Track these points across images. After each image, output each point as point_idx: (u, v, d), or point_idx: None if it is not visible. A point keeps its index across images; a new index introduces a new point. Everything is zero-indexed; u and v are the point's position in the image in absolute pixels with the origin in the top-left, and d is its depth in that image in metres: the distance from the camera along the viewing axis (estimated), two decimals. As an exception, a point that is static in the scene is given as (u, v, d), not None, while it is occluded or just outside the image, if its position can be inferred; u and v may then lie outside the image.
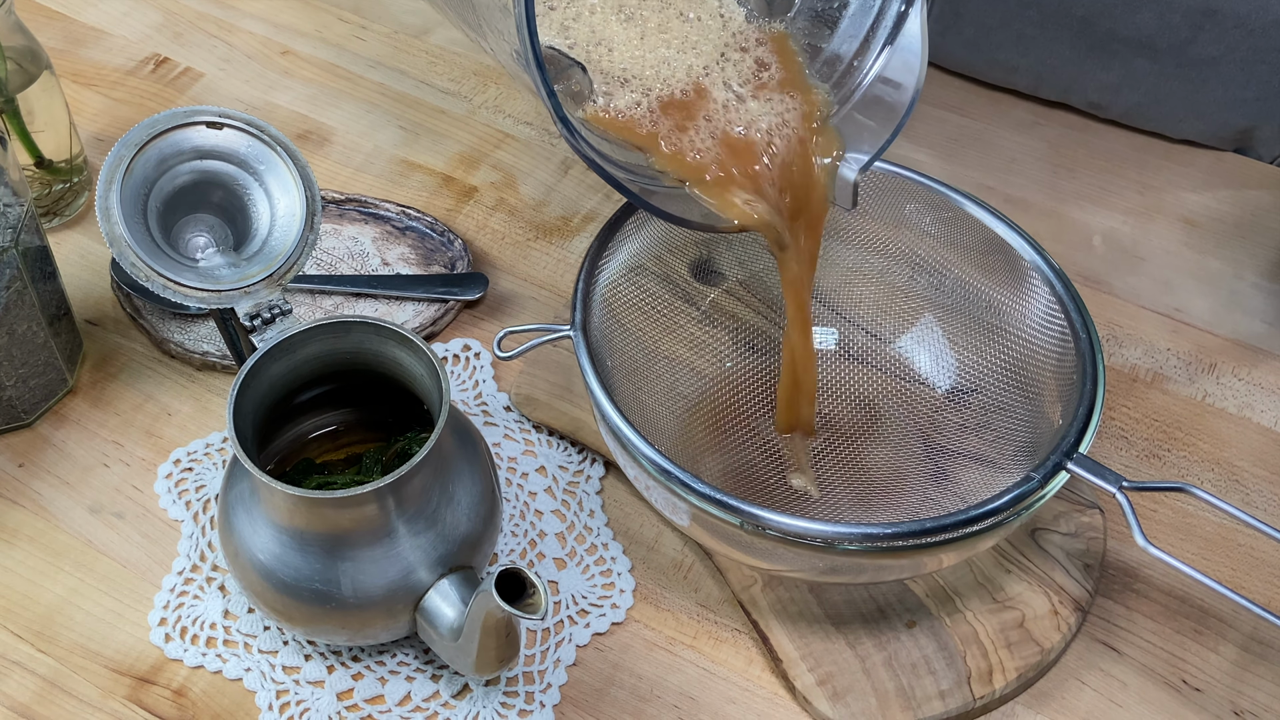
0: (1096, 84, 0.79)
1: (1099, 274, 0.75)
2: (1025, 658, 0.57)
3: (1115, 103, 0.79)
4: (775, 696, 0.58)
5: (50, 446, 0.66)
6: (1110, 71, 0.77)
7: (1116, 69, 0.77)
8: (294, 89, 0.84)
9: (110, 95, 0.84)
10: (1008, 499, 0.51)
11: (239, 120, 0.59)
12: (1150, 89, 0.77)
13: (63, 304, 0.67)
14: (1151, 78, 0.77)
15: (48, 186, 0.75)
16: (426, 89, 0.85)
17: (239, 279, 0.58)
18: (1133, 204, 0.78)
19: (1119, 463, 0.66)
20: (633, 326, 0.63)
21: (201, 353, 0.69)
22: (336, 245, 0.74)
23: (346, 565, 0.53)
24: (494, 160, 0.80)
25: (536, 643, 0.59)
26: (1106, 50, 0.76)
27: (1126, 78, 0.77)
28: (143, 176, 0.58)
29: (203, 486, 0.65)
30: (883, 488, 0.61)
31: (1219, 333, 0.72)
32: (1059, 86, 0.80)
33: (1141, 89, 0.77)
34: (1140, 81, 0.77)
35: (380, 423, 0.62)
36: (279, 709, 0.57)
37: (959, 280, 0.64)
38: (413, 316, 0.71)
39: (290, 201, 0.60)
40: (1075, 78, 0.79)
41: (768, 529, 0.51)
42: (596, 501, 0.64)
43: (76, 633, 0.60)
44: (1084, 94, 0.80)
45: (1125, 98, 0.78)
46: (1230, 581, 0.62)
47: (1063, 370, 0.58)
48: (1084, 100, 0.81)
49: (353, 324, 0.56)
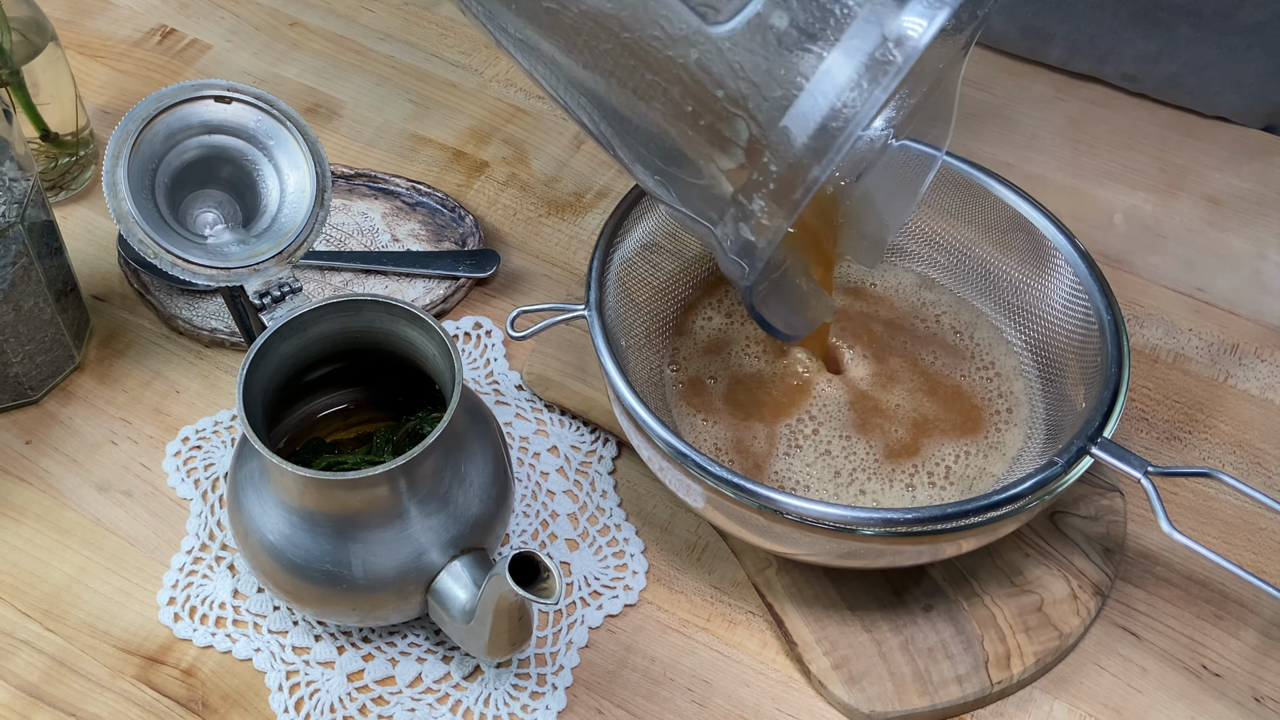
0: (1135, 53, 0.78)
1: (1120, 252, 0.74)
2: (1044, 642, 0.57)
3: (1151, 74, 0.78)
4: (790, 680, 0.58)
5: (57, 424, 0.66)
6: (1151, 40, 0.76)
7: (1158, 37, 0.75)
8: (302, 61, 0.83)
9: (116, 67, 0.83)
10: (1030, 484, 0.50)
11: (248, 94, 0.58)
12: (1190, 58, 0.76)
13: (69, 280, 0.66)
14: (1193, 45, 0.76)
15: (54, 160, 0.74)
16: (437, 62, 0.84)
17: (248, 256, 0.57)
18: (1155, 181, 0.77)
19: (1139, 445, 0.65)
20: (647, 305, 0.62)
21: (210, 329, 0.68)
22: (346, 221, 0.74)
23: (357, 546, 0.53)
24: (505, 135, 0.79)
25: (549, 624, 0.59)
26: (1150, 17, 0.75)
27: (1167, 46, 0.76)
28: (150, 152, 0.57)
29: (211, 465, 0.64)
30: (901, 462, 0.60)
31: (1242, 313, 0.71)
32: (1094, 57, 0.79)
33: (1181, 58, 0.76)
34: (1180, 50, 0.76)
35: (391, 401, 0.61)
36: (289, 689, 0.57)
37: (979, 260, 0.63)
38: (423, 294, 0.70)
39: (300, 177, 0.59)
40: (1113, 47, 0.78)
41: (784, 513, 0.51)
42: (609, 482, 0.64)
43: (85, 611, 0.59)
44: (1120, 65, 0.79)
45: (1163, 68, 0.77)
46: (1252, 566, 0.61)
47: (1086, 352, 0.57)
48: (1118, 72, 0.79)
49: (363, 302, 0.56)
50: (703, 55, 0.46)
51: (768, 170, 0.46)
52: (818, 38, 0.45)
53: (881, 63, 0.44)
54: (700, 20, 0.46)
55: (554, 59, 0.50)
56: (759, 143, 0.46)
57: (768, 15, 0.45)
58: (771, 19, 0.45)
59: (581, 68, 0.49)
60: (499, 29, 0.52)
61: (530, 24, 0.50)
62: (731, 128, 0.47)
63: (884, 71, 0.44)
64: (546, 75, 0.51)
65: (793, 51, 0.45)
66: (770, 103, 0.46)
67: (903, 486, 0.58)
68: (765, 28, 0.45)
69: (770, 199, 0.47)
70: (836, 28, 0.45)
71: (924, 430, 0.60)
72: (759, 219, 0.47)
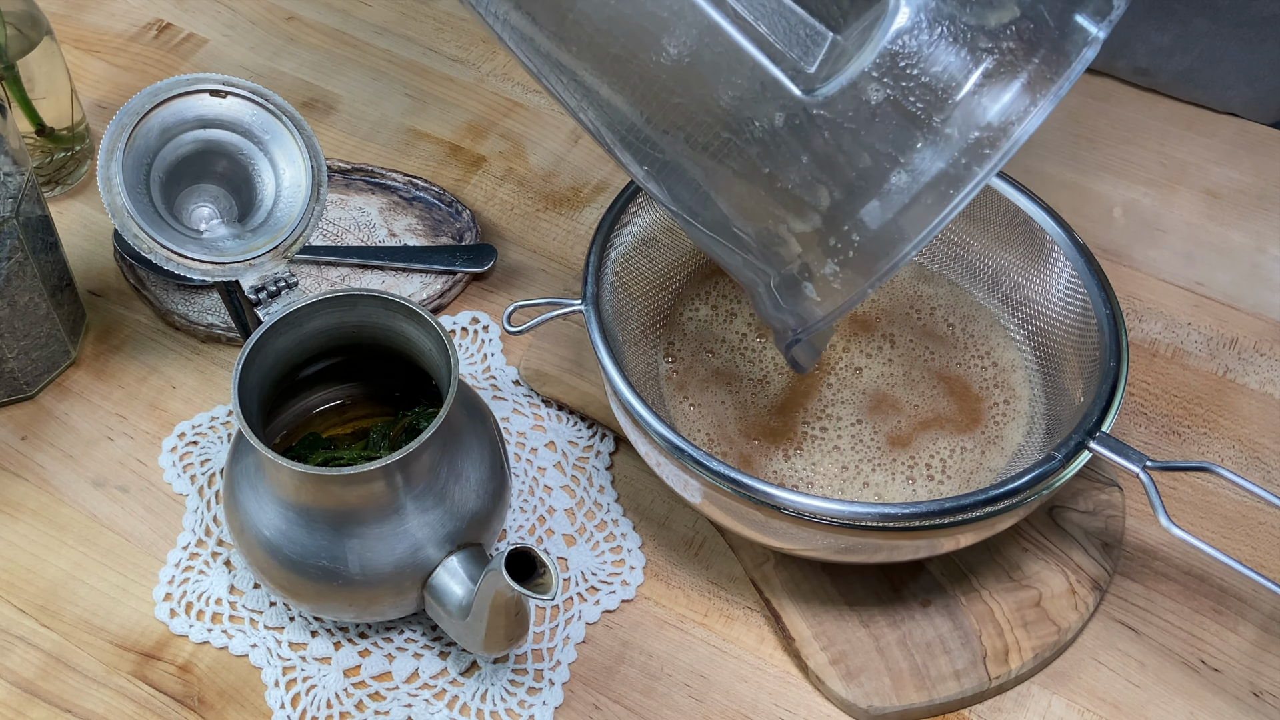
0: (1148, 47, 0.77)
1: (1119, 246, 0.73)
2: (1042, 637, 0.56)
3: (1164, 68, 0.77)
4: (787, 675, 0.57)
5: (53, 419, 0.65)
6: (1165, 32, 0.75)
7: (1173, 29, 0.75)
8: (299, 56, 0.83)
9: (112, 61, 0.82)
10: (1028, 478, 0.50)
11: (243, 88, 0.58)
12: (1204, 51, 0.75)
13: (65, 275, 0.66)
14: (1207, 39, 0.75)
15: (49, 155, 0.74)
16: (434, 56, 0.83)
17: (244, 251, 0.57)
18: (1154, 175, 0.77)
19: (1138, 439, 0.65)
20: (643, 299, 0.62)
21: (206, 324, 0.68)
22: (343, 216, 0.73)
23: (354, 542, 0.53)
24: (503, 129, 0.79)
25: (546, 620, 0.59)
26: (1165, 9, 0.75)
27: (1181, 39, 0.75)
28: (145, 146, 0.57)
29: (208, 460, 0.64)
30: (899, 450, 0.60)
31: (1241, 307, 0.71)
32: (1106, 51, 0.79)
33: (1195, 51, 0.75)
34: (1195, 43, 0.75)
35: (387, 396, 0.61)
36: (285, 685, 0.57)
37: (977, 253, 0.63)
38: (420, 288, 0.70)
39: (296, 172, 0.58)
40: (1126, 41, 0.77)
41: (782, 508, 0.50)
42: (606, 477, 0.63)
43: (80, 608, 0.59)
44: (1132, 59, 0.78)
45: (1176, 61, 0.76)
46: (1250, 560, 0.61)
47: (1084, 346, 0.57)
48: (1130, 67, 0.79)
49: (360, 297, 0.55)
50: (790, 117, 0.45)
51: (849, 239, 0.45)
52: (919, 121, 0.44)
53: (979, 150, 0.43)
54: (790, 83, 0.44)
55: (614, 105, 0.48)
56: (842, 211, 0.45)
57: (864, 87, 0.44)
58: (869, 92, 0.44)
59: (646, 122, 0.47)
60: (548, 66, 0.49)
61: (592, 66, 0.47)
62: (813, 194, 0.46)
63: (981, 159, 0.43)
64: (597, 119, 0.49)
65: (887, 125, 0.44)
66: (859, 173, 0.45)
67: (904, 479, 0.58)
68: (861, 101, 0.44)
69: (848, 267, 0.46)
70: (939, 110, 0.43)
71: (923, 424, 0.60)
72: (829, 283, 0.46)
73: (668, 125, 0.47)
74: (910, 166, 0.44)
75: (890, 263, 0.45)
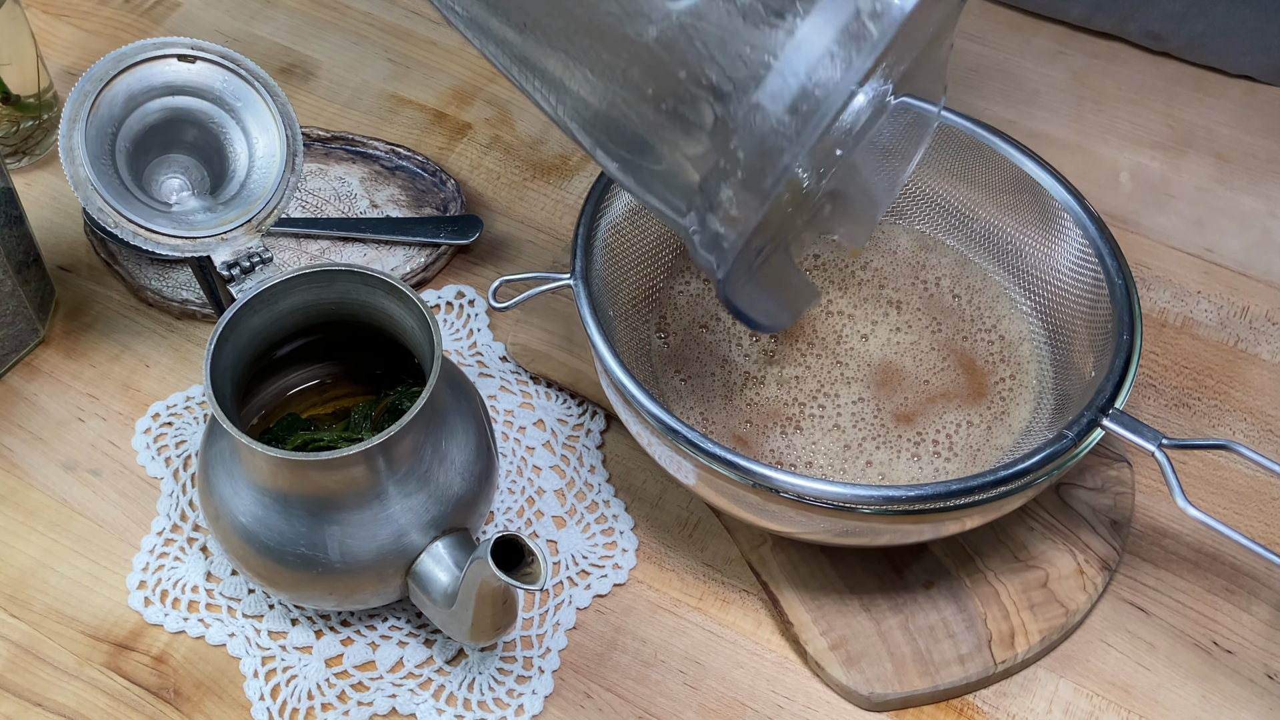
0: (1160, 12, 0.75)
1: (1126, 212, 0.71)
2: (1049, 620, 0.55)
3: (1177, 33, 0.75)
4: (785, 661, 0.56)
5: (21, 400, 0.63)
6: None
7: None
8: (276, 19, 0.80)
9: (81, 26, 0.80)
10: (1039, 458, 0.48)
11: (213, 53, 0.56)
12: (1218, 17, 0.73)
13: (31, 249, 0.63)
14: (1221, 4, 0.73)
15: (15, 124, 0.71)
16: (416, 19, 0.81)
17: (215, 224, 0.54)
18: (1162, 138, 0.75)
19: (1147, 413, 0.63)
20: (634, 272, 0.60)
21: (181, 300, 0.66)
22: (323, 186, 0.71)
23: (334, 529, 0.51)
24: (488, 95, 0.77)
25: (535, 605, 0.57)
26: None
27: (1195, 4, 0.73)
28: (109, 114, 0.54)
29: (183, 442, 0.62)
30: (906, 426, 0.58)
31: (1252, 274, 0.69)
32: (1117, 15, 0.76)
33: (1209, 17, 0.73)
34: (1209, 9, 0.73)
35: (369, 375, 0.59)
36: (264, 676, 0.55)
37: (983, 222, 0.61)
38: (403, 262, 0.68)
39: (269, 141, 0.56)
40: (1138, 5, 0.75)
41: (779, 490, 0.48)
42: (597, 456, 0.61)
43: (51, 596, 0.57)
44: (1144, 23, 0.76)
45: (1190, 27, 0.74)
46: (1263, 538, 0.59)
47: (1095, 318, 0.55)
48: (1142, 30, 0.76)
49: (337, 272, 0.53)
50: (662, 32, 0.43)
51: (735, 157, 0.43)
52: (785, 11, 0.42)
53: (856, 36, 0.41)
54: None
55: (505, 38, 0.47)
56: (725, 127, 0.43)
57: None
58: None
59: (534, 47, 0.46)
60: (445, 4, 0.48)
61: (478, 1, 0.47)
62: (695, 111, 0.44)
63: (859, 46, 0.41)
64: (498, 54, 0.48)
65: (758, 26, 0.42)
66: (735, 83, 0.42)
67: (909, 457, 0.56)
68: (728, 1, 0.42)
69: (739, 188, 0.43)
70: None
71: (929, 399, 0.58)
72: (728, 210, 0.44)
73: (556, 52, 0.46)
74: (786, 67, 0.41)
75: (774, 178, 0.42)
